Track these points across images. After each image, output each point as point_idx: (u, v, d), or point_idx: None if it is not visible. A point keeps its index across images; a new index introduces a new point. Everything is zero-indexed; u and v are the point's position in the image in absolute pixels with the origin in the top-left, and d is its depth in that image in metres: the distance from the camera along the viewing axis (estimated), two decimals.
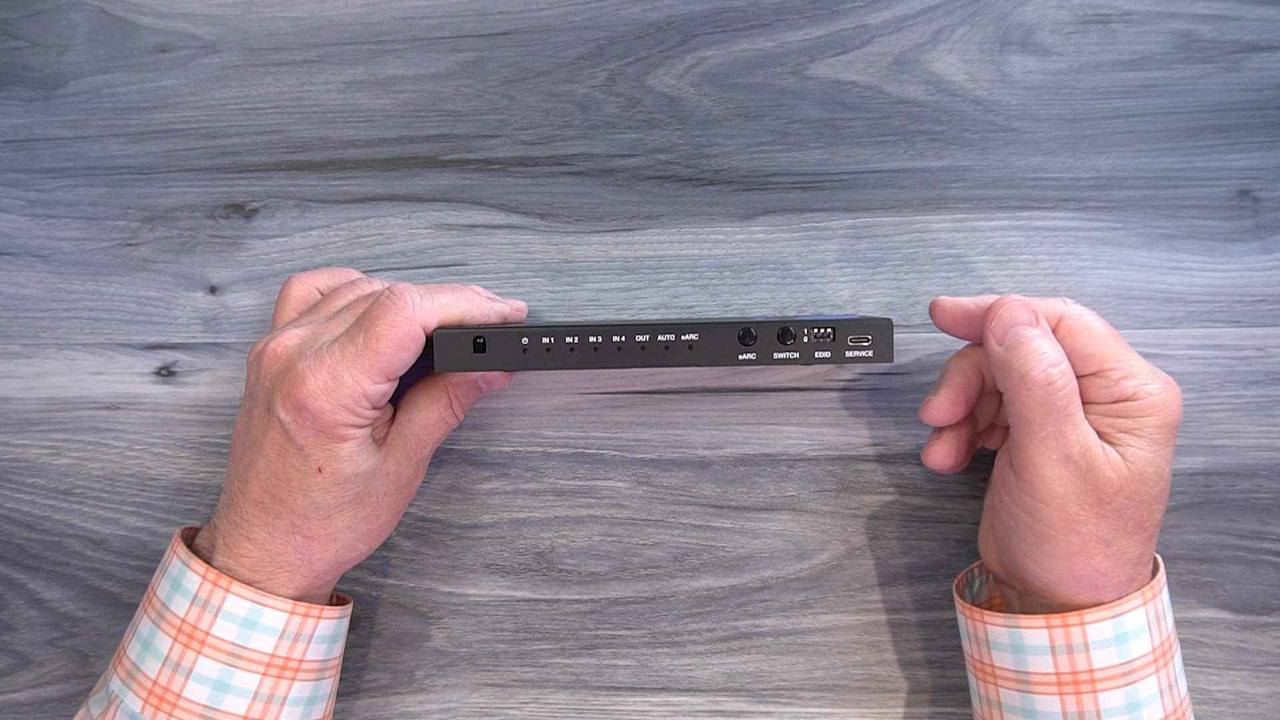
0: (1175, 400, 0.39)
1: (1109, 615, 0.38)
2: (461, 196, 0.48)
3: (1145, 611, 0.39)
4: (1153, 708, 0.38)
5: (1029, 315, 0.39)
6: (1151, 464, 0.38)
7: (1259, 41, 0.46)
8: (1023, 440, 0.38)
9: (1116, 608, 0.38)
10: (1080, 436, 0.38)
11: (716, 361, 0.40)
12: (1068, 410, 0.38)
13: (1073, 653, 0.38)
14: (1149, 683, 0.38)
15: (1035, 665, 0.39)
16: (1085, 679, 0.38)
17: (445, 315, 0.40)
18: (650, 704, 0.48)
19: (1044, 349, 0.38)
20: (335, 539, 0.40)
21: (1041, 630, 0.38)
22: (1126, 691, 0.38)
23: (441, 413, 0.42)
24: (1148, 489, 0.38)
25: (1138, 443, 0.38)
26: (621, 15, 0.47)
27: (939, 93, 0.47)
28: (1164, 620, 0.40)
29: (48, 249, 0.49)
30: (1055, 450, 0.38)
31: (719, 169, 0.47)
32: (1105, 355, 0.39)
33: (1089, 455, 0.38)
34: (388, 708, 0.48)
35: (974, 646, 0.41)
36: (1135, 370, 0.38)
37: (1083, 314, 0.40)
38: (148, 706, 0.39)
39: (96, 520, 0.49)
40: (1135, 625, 0.38)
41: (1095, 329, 0.39)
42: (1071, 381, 0.38)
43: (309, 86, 0.48)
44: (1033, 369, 0.38)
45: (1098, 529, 0.38)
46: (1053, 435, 0.38)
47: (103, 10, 0.49)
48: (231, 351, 0.49)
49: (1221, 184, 0.46)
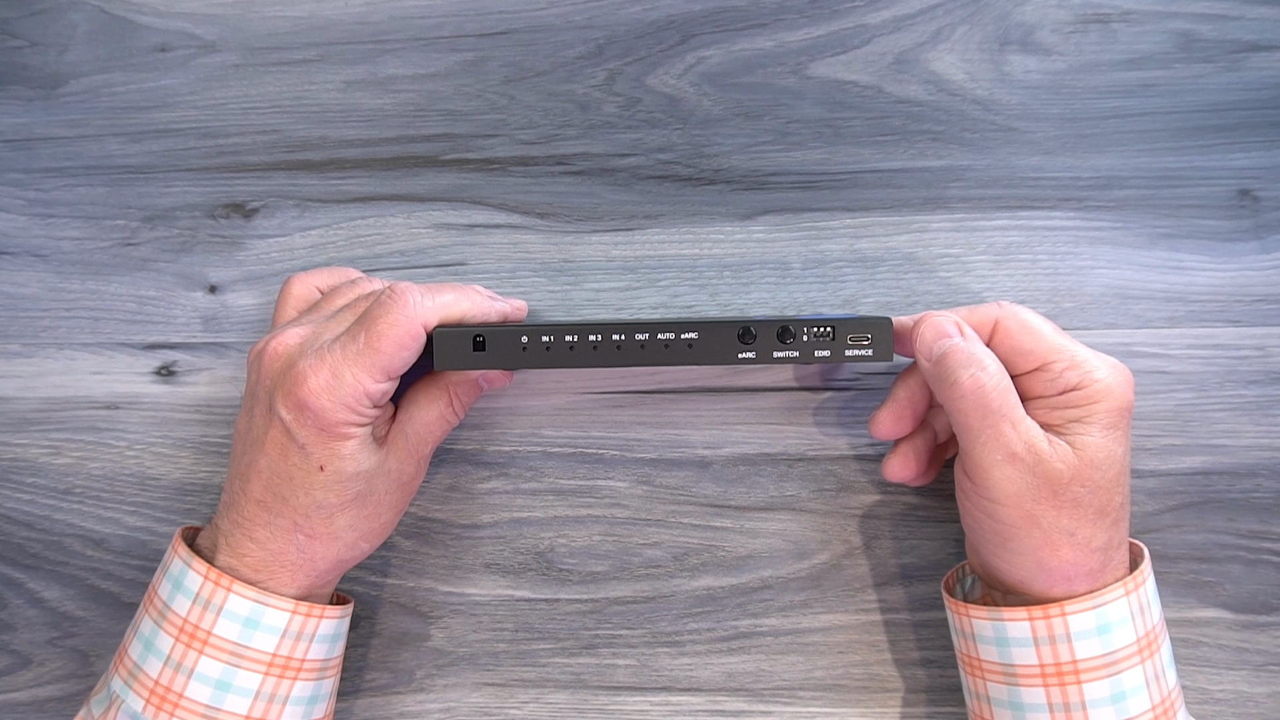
0: (1124, 384, 0.39)
1: (1090, 606, 0.38)
2: (461, 196, 0.48)
3: (1128, 602, 0.39)
4: (1139, 698, 0.38)
5: (952, 327, 0.40)
6: (1102, 449, 0.38)
7: (1259, 41, 0.46)
8: (968, 445, 0.39)
9: (1098, 598, 0.38)
10: (1022, 433, 0.38)
11: (716, 360, 0.40)
12: (1003, 410, 0.38)
13: (1055, 644, 0.38)
14: (1134, 673, 0.38)
15: (1020, 658, 0.39)
16: (1069, 670, 0.38)
17: (446, 314, 0.40)
18: (650, 704, 0.48)
19: (968, 356, 0.38)
20: (337, 538, 0.40)
21: (1024, 622, 0.39)
22: (1111, 682, 0.38)
23: (442, 411, 0.42)
24: (1101, 475, 0.38)
25: (1087, 430, 0.38)
26: (621, 15, 0.47)
27: (939, 92, 0.47)
28: (1148, 611, 0.40)
29: (47, 249, 0.49)
30: (999, 450, 0.38)
31: (719, 169, 0.47)
32: (1045, 350, 0.39)
33: (1034, 450, 0.38)
34: (388, 707, 0.48)
35: (961, 641, 0.42)
36: (1078, 359, 0.39)
37: (1018, 312, 0.40)
38: (149, 706, 0.39)
39: (96, 520, 0.49)
40: (1118, 616, 0.38)
41: (1032, 325, 0.40)
42: (1003, 381, 0.38)
43: (309, 86, 0.48)
44: (960, 376, 0.38)
45: (1058, 521, 0.38)
46: (993, 436, 0.38)
47: (102, 10, 0.49)
48: (231, 351, 0.49)
49: (1221, 184, 0.46)
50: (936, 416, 0.45)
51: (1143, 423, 0.46)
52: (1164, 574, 0.46)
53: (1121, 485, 0.39)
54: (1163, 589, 0.46)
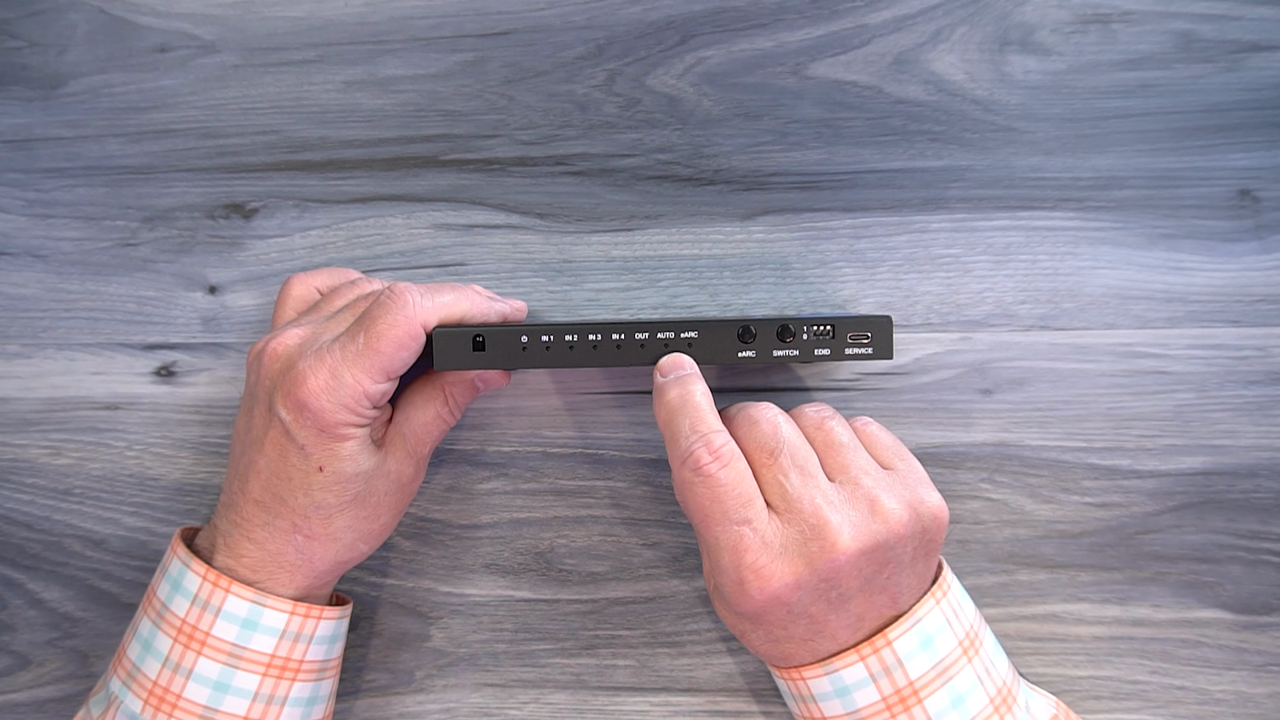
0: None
1: (910, 625, 0.38)
2: (461, 196, 0.48)
3: (941, 610, 0.39)
4: (975, 696, 0.38)
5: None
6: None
7: (1259, 41, 0.46)
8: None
9: (914, 615, 0.38)
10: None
11: (716, 359, 0.40)
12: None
13: (890, 673, 0.38)
14: (965, 674, 0.39)
15: (863, 699, 0.38)
16: (909, 693, 0.38)
17: (445, 314, 0.40)
18: (650, 704, 0.48)
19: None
20: (336, 539, 0.40)
21: (857, 665, 0.38)
22: (947, 689, 0.38)
23: (438, 411, 0.42)
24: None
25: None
26: (621, 15, 0.47)
27: (939, 93, 0.47)
28: (961, 612, 0.40)
29: (47, 249, 0.49)
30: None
31: (719, 169, 0.47)
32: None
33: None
34: (387, 708, 0.48)
35: (802, 706, 0.41)
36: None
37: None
38: (148, 707, 0.39)
39: (96, 520, 0.49)
40: (936, 626, 0.39)
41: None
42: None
43: (309, 86, 0.48)
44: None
45: (769, 635, 0.39)
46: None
47: (102, 10, 0.49)
48: (231, 351, 0.49)
49: (1221, 184, 0.46)
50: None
51: (1143, 423, 0.46)
52: (1164, 574, 0.46)
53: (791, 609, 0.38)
54: (1163, 589, 0.46)
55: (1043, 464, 0.47)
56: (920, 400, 0.47)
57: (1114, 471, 0.46)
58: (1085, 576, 0.47)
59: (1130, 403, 0.46)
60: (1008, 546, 0.47)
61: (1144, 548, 0.46)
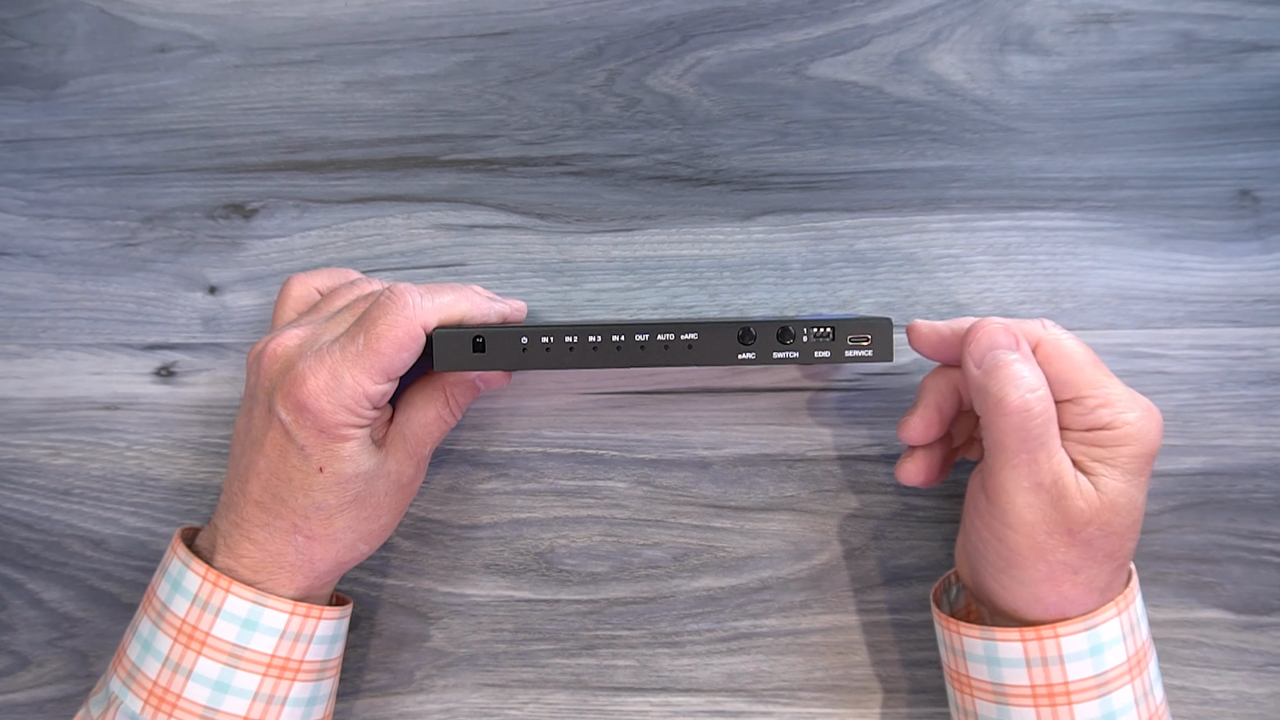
0: (1154, 429, 0.38)
1: (1083, 628, 0.38)
2: (461, 196, 0.48)
3: (1120, 622, 0.39)
4: (1128, 716, 0.38)
5: (1009, 339, 0.39)
6: (1124, 494, 0.37)
7: (1259, 41, 0.46)
8: (996, 465, 0.38)
9: (1091, 619, 0.38)
10: (1054, 465, 0.37)
11: (716, 361, 0.40)
12: (1043, 438, 0.37)
13: (1048, 665, 0.38)
14: (1124, 692, 0.38)
15: (1010, 678, 0.38)
16: (1060, 691, 0.38)
17: (445, 315, 0.40)
18: (650, 704, 0.48)
19: (1022, 374, 0.37)
20: (336, 539, 0.40)
21: (1016, 643, 0.38)
22: (1101, 703, 0.38)
23: (439, 411, 0.42)
24: (1120, 520, 0.38)
25: (1111, 473, 0.37)
26: (621, 15, 0.47)
27: (939, 93, 0.47)
28: (1138, 628, 0.39)
29: (47, 249, 0.49)
30: (1027, 477, 0.37)
31: (719, 169, 0.47)
32: (1082, 382, 0.38)
33: (1060, 484, 0.37)
34: (387, 708, 0.48)
35: (951, 656, 0.41)
36: (1112, 398, 0.38)
37: (1060, 338, 0.39)
38: (147, 707, 0.39)
39: (96, 520, 0.49)
40: (1110, 636, 0.38)
41: (1073, 354, 0.39)
42: (1049, 409, 0.38)
43: (309, 86, 0.48)
44: (1009, 394, 0.37)
45: (1066, 557, 0.38)
46: (1026, 463, 0.37)
47: (102, 10, 0.49)
48: (231, 352, 0.49)
49: (1221, 184, 0.46)
50: (956, 422, 0.44)
51: None
52: (1164, 574, 0.46)
53: (1134, 533, 0.39)
54: (1163, 589, 0.46)
55: None
56: None
57: None
58: None
59: None
60: None
61: (1144, 548, 0.46)
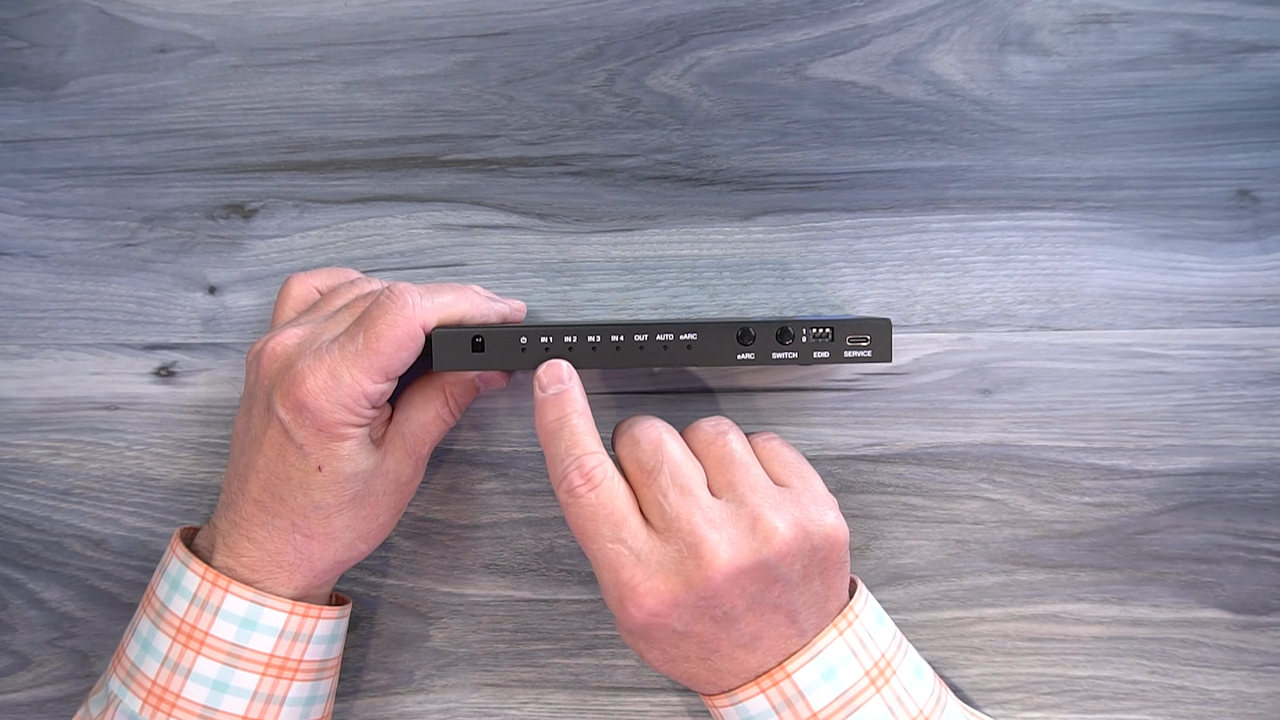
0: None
1: (809, 657, 0.38)
2: (461, 196, 0.48)
3: (844, 641, 0.38)
4: None
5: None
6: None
7: (1259, 41, 0.46)
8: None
9: (814, 647, 0.38)
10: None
11: (715, 361, 0.40)
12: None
13: (793, 705, 0.37)
14: (873, 705, 0.38)
15: None
16: None
17: (445, 315, 0.40)
18: (650, 704, 0.48)
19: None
20: (335, 538, 0.40)
21: (758, 696, 0.38)
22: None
23: (438, 411, 0.42)
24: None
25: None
26: (620, 15, 0.47)
27: (938, 93, 0.47)
28: (870, 643, 0.39)
29: (47, 249, 0.49)
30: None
31: (718, 169, 0.47)
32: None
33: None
34: (387, 708, 0.48)
35: None
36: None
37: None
38: (146, 706, 0.39)
39: (96, 520, 0.49)
40: (838, 657, 0.38)
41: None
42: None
43: (308, 86, 0.48)
44: None
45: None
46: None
47: (102, 10, 0.49)
48: (231, 351, 0.49)
49: (1221, 184, 0.46)
50: None
51: (1142, 423, 0.46)
52: (1163, 574, 0.46)
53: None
54: (1162, 589, 0.46)
55: (1042, 464, 0.47)
56: (920, 400, 0.47)
57: (1113, 471, 0.46)
58: (1085, 576, 0.47)
59: (1129, 403, 0.46)
60: (1007, 546, 0.47)
61: (1143, 548, 0.46)
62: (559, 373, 0.39)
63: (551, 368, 0.39)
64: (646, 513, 0.38)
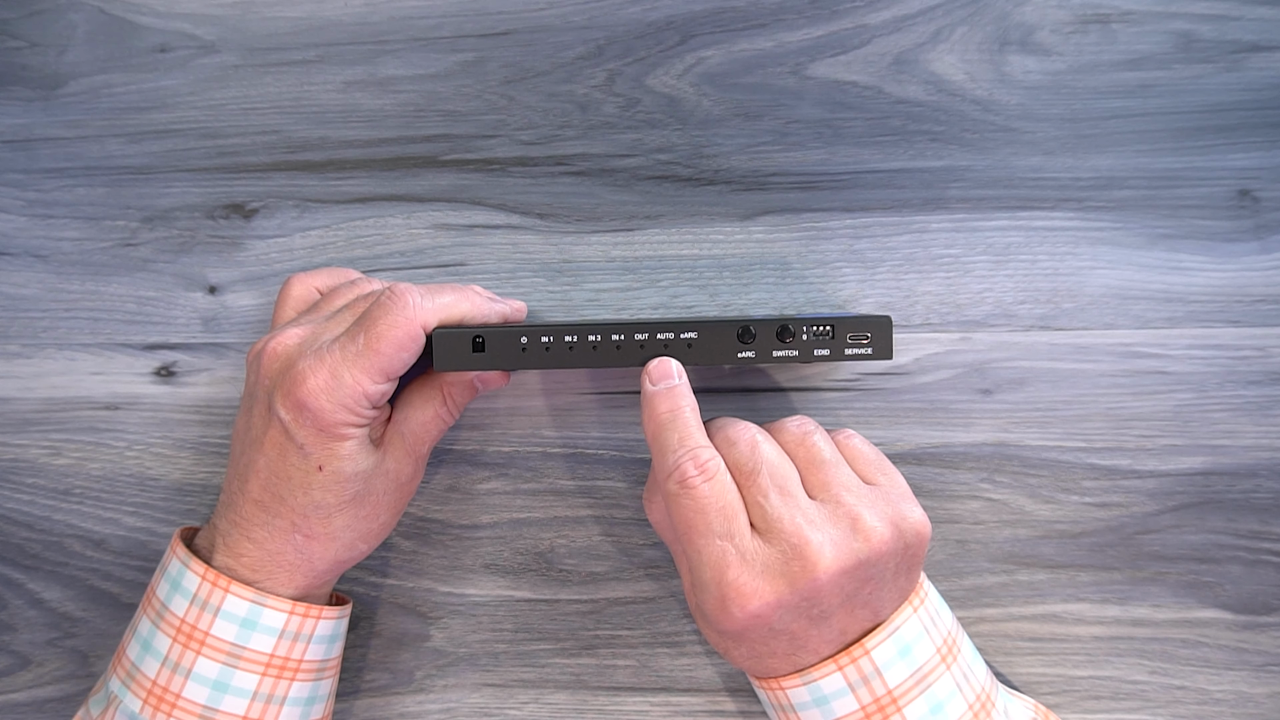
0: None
1: (887, 634, 0.38)
2: (461, 196, 0.48)
3: (919, 618, 0.39)
4: (954, 703, 0.38)
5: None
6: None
7: (1259, 41, 0.46)
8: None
9: (892, 624, 0.38)
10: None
11: (715, 360, 0.40)
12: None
13: (869, 682, 0.38)
14: (944, 682, 0.38)
15: (841, 709, 0.38)
16: (888, 702, 0.38)
17: (446, 315, 0.40)
18: (650, 704, 0.48)
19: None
20: (335, 538, 0.40)
21: (835, 674, 0.38)
22: (926, 697, 0.38)
23: (437, 410, 0.42)
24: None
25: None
26: (621, 15, 0.47)
27: (938, 93, 0.47)
28: (939, 620, 0.40)
29: (47, 249, 0.49)
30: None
31: (718, 169, 0.47)
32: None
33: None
34: (387, 708, 0.48)
35: (781, 716, 0.40)
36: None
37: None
38: (147, 707, 0.39)
39: (96, 520, 0.49)
40: (913, 634, 0.39)
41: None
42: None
43: (308, 86, 0.48)
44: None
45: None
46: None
47: (102, 10, 0.49)
48: (231, 351, 0.49)
49: (1221, 184, 0.46)
50: None
51: (1143, 423, 0.46)
52: (1163, 574, 0.46)
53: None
54: (1162, 589, 0.46)
55: (1042, 464, 0.47)
56: (920, 400, 0.47)
57: (1113, 471, 0.46)
58: (1085, 576, 0.47)
59: (1130, 403, 0.46)
60: (1007, 546, 0.47)
61: (1144, 548, 0.46)
62: (668, 369, 0.40)
63: (661, 364, 0.40)
64: (749, 514, 0.38)
